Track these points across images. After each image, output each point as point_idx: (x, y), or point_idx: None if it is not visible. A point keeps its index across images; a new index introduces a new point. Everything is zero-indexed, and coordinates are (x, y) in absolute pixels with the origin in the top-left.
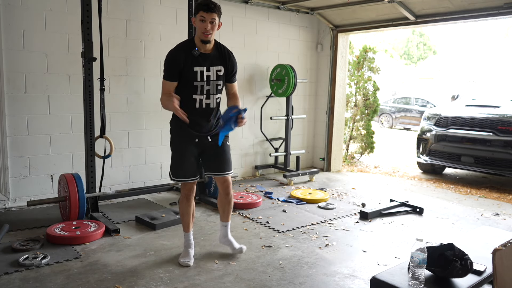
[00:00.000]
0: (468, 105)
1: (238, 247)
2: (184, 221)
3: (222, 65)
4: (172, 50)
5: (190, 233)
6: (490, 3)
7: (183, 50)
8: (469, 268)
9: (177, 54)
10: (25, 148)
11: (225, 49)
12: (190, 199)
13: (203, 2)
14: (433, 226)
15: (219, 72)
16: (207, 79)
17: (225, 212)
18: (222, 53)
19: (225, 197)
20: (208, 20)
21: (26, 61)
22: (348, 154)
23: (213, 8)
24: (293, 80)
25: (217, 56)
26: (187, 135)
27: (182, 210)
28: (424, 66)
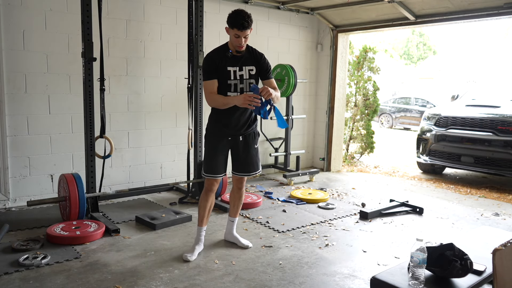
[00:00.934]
0: (468, 105)
1: (245, 242)
2: (199, 215)
3: (254, 65)
4: (209, 53)
5: (203, 228)
6: (490, 3)
7: (217, 52)
8: (469, 268)
9: (213, 55)
10: (25, 148)
11: (256, 51)
12: (209, 194)
13: (239, 21)
14: (433, 226)
15: (251, 71)
16: (240, 77)
17: (235, 207)
18: (253, 54)
19: (238, 191)
20: (242, 36)
21: (26, 61)
22: (348, 154)
23: (247, 26)
24: (293, 80)
25: (248, 57)
26: (221, 133)
27: (200, 203)
28: (424, 66)
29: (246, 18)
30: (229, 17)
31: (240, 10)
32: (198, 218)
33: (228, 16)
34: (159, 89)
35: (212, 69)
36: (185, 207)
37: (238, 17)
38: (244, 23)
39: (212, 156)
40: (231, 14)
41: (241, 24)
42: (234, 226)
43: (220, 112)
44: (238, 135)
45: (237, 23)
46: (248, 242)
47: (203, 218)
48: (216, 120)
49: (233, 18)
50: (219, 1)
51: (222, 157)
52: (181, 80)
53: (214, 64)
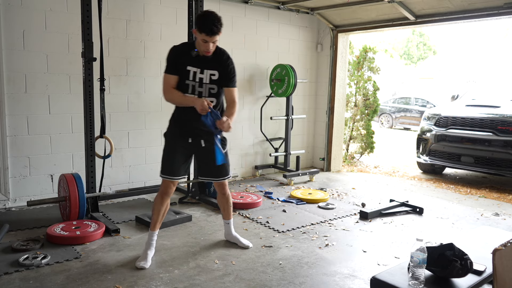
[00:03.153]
0: (468, 105)
1: (245, 242)
2: (153, 219)
3: (217, 70)
4: (174, 46)
5: (155, 233)
6: (490, 3)
7: (183, 47)
8: (469, 268)
9: (177, 49)
10: (25, 148)
11: (224, 54)
12: (164, 198)
13: (208, 25)
14: (433, 226)
15: (213, 76)
16: (200, 80)
17: (225, 210)
18: (219, 57)
19: (222, 197)
20: (210, 42)
21: (26, 61)
22: (348, 154)
23: (216, 31)
24: (293, 80)
25: (213, 60)
26: (181, 133)
27: (154, 206)
28: (424, 66)
29: (216, 23)
30: (197, 20)
31: (209, 13)
32: (151, 222)
33: (196, 18)
34: (159, 89)
35: (174, 63)
36: (185, 207)
37: (207, 21)
38: (214, 28)
39: (170, 156)
40: (199, 16)
41: (210, 29)
42: (231, 227)
43: (180, 111)
44: (199, 139)
45: (206, 28)
46: (248, 242)
47: (156, 222)
48: (176, 119)
49: (202, 22)
50: (219, 1)
51: (181, 159)
52: None
53: (176, 58)
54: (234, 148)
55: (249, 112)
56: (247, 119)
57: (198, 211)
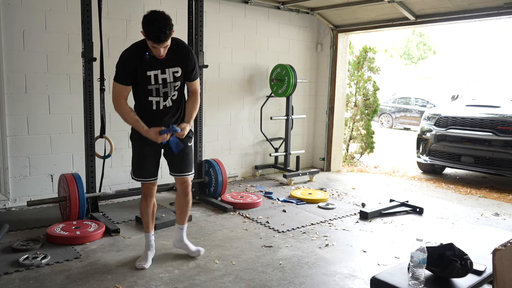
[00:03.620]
0: (468, 105)
1: (195, 250)
2: (144, 222)
3: (179, 66)
4: (125, 52)
5: (151, 234)
6: (490, 3)
7: (135, 52)
8: (469, 268)
9: (131, 55)
10: (25, 148)
11: (183, 48)
12: (148, 200)
13: (153, 34)
14: (433, 226)
15: (176, 74)
16: (163, 81)
17: (182, 214)
18: (178, 52)
19: (184, 198)
20: (160, 47)
21: (26, 61)
22: (348, 154)
23: (164, 39)
24: (293, 80)
25: (173, 57)
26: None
27: (141, 210)
28: (424, 66)
29: (163, 29)
30: (143, 23)
31: (155, 17)
32: (143, 225)
33: (142, 20)
34: None
35: (127, 72)
36: None
37: (152, 27)
38: (161, 36)
39: (140, 158)
40: (144, 19)
41: (157, 37)
42: (183, 234)
43: (142, 113)
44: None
45: (152, 35)
46: (198, 248)
47: (148, 224)
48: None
49: (147, 27)
50: (219, 1)
51: (152, 159)
52: None
53: (131, 67)
54: (234, 148)
55: (249, 112)
56: (247, 119)
57: (198, 211)
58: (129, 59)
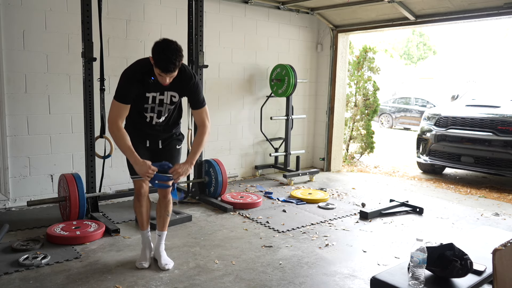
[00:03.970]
0: (468, 105)
1: (163, 264)
2: (138, 220)
3: (177, 91)
4: (129, 73)
5: (146, 231)
6: (490, 3)
7: (140, 75)
8: (469, 268)
9: (135, 77)
10: (25, 148)
11: (185, 75)
12: (141, 199)
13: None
14: (433, 226)
15: (174, 98)
16: (160, 101)
17: (161, 218)
18: (180, 78)
19: (162, 200)
20: (167, 77)
21: (26, 61)
22: (348, 154)
23: (173, 70)
24: (293, 80)
25: (175, 81)
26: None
27: (135, 209)
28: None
29: (174, 60)
30: (153, 51)
31: (167, 46)
32: (138, 223)
33: (153, 47)
34: None
35: (129, 92)
36: (185, 207)
37: (163, 56)
38: (170, 67)
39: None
40: (156, 47)
41: (166, 68)
42: (161, 242)
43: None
44: (157, 141)
45: (161, 65)
46: (168, 262)
47: (143, 222)
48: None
49: (157, 56)
50: (219, 1)
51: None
52: None
53: (134, 88)
54: (234, 148)
55: (249, 112)
56: (247, 119)
57: (198, 211)
58: (133, 82)
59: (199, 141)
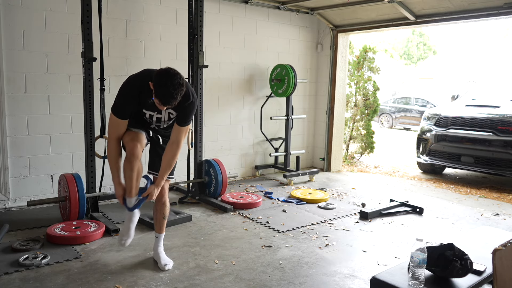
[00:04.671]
0: (468, 105)
1: (162, 265)
2: (127, 186)
3: (176, 111)
4: (127, 88)
5: (133, 199)
6: (490, 3)
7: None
8: (469, 268)
9: (130, 94)
10: (25, 148)
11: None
12: (132, 161)
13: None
14: (433, 226)
15: (171, 115)
16: (158, 119)
17: (157, 220)
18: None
19: (158, 202)
20: (164, 108)
21: (26, 61)
22: (348, 154)
23: (173, 104)
24: (293, 80)
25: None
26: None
27: (124, 173)
28: (424, 66)
29: (175, 95)
30: (156, 82)
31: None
32: (126, 189)
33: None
34: None
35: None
36: (185, 207)
37: (164, 90)
38: (171, 101)
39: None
40: (158, 78)
41: (166, 102)
42: (159, 243)
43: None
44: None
45: (161, 97)
46: (168, 262)
47: (132, 188)
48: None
49: (158, 88)
50: (219, 1)
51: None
52: None
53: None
54: (234, 148)
55: (249, 112)
56: (247, 119)
57: (198, 211)
58: (130, 99)
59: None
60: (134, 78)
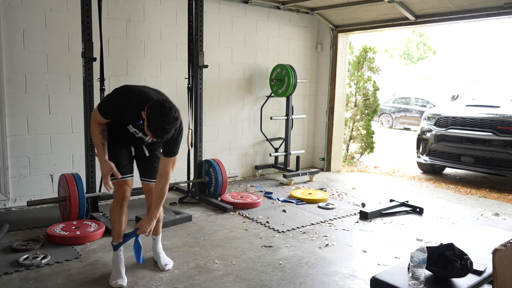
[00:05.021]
0: (468, 105)
1: (163, 265)
2: (116, 231)
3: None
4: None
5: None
6: (490, 3)
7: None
8: (469, 268)
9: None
10: (25, 148)
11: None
12: (124, 205)
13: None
14: (433, 226)
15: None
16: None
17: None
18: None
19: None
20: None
21: (26, 61)
22: (348, 154)
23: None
24: (293, 80)
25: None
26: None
27: (113, 217)
28: (424, 66)
29: (169, 130)
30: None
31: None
32: (114, 235)
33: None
34: (159, 89)
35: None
36: (185, 207)
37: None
38: (164, 136)
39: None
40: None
41: (159, 136)
42: (157, 244)
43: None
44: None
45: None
46: (168, 262)
47: (120, 232)
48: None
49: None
50: (219, 1)
51: (124, 152)
52: (181, 80)
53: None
54: (234, 148)
55: (249, 112)
56: (247, 119)
57: (198, 211)
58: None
59: (160, 195)
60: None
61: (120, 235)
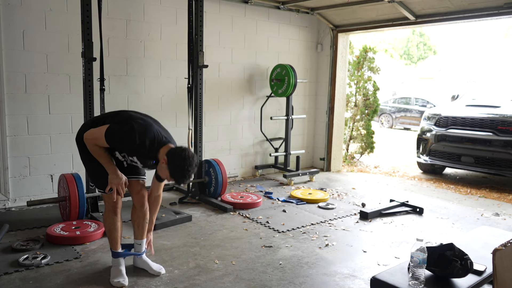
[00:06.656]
0: (468, 105)
1: (156, 268)
2: (113, 238)
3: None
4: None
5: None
6: (490, 3)
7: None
8: (469, 268)
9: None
10: (25, 148)
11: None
12: (118, 212)
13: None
14: (433, 226)
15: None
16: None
17: (140, 227)
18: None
19: (140, 209)
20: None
21: (26, 61)
22: (348, 154)
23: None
24: (293, 80)
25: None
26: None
27: (109, 226)
28: (424, 66)
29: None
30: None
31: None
32: (112, 241)
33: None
34: (159, 89)
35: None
36: (185, 207)
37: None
38: (186, 181)
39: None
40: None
41: (183, 182)
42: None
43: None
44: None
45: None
46: (160, 267)
47: (118, 239)
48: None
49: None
50: (219, 1)
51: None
52: (181, 80)
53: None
54: (234, 148)
55: (249, 112)
56: (247, 119)
57: (198, 211)
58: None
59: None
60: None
61: (118, 241)
